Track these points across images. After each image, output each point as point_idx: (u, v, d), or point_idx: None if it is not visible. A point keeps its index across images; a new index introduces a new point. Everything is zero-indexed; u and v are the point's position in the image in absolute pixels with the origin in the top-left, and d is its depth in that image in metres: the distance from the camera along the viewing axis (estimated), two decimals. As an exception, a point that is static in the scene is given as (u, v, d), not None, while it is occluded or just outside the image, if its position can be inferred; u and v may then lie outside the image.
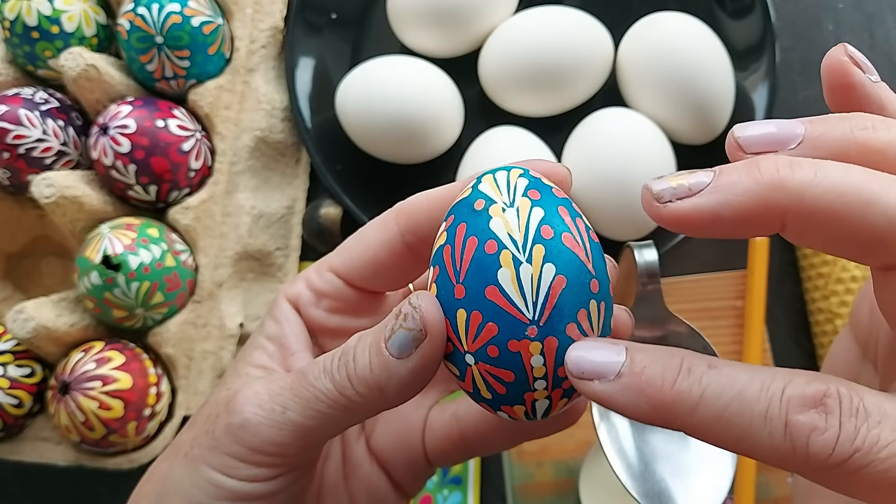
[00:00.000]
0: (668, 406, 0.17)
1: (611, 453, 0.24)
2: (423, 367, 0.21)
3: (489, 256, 0.19)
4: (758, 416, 0.16)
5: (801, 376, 0.17)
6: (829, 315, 0.46)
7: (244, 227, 0.48)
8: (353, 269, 0.26)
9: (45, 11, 0.45)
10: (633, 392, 0.18)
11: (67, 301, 0.45)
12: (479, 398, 0.21)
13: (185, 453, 0.24)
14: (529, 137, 0.46)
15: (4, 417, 0.44)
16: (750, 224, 0.18)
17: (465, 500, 0.47)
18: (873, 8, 0.52)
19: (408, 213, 0.25)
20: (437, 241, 0.21)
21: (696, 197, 0.18)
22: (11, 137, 0.44)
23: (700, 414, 0.17)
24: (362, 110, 0.45)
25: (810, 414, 0.16)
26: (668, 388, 0.17)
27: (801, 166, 0.17)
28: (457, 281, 0.20)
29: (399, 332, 0.20)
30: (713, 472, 0.24)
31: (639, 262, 0.24)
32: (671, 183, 0.18)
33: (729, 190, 0.18)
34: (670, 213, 0.18)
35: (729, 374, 0.17)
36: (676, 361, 0.18)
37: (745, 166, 0.18)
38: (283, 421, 0.22)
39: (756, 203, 0.17)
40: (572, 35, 0.45)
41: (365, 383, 0.21)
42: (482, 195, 0.20)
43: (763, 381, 0.17)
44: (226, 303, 0.48)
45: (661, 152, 0.44)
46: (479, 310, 0.20)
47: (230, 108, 0.48)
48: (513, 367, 0.20)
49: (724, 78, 0.45)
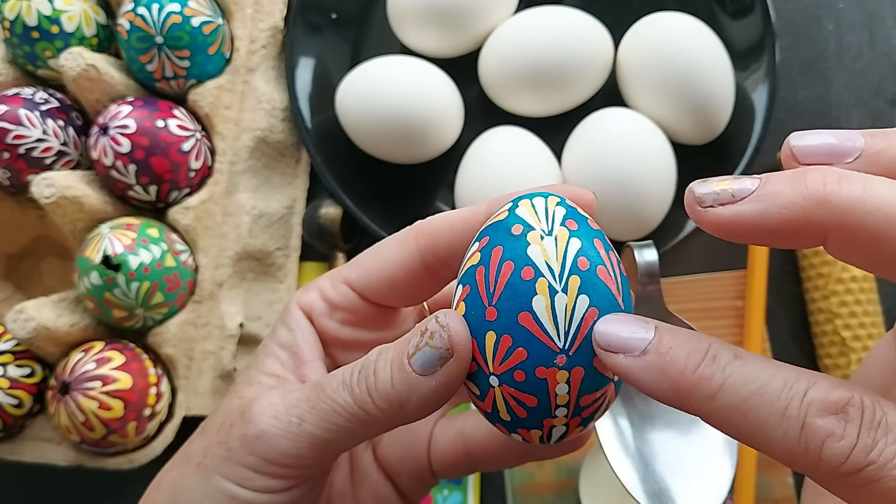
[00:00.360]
0: (688, 390, 0.17)
1: (611, 453, 0.24)
2: (446, 386, 0.21)
3: (525, 283, 0.20)
4: (776, 413, 0.16)
5: (827, 381, 0.17)
6: (829, 315, 0.46)
7: (244, 227, 0.48)
8: (368, 283, 0.26)
9: (45, 11, 0.45)
10: (656, 371, 0.18)
11: (67, 301, 0.45)
12: (495, 419, 0.21)
13: (198, 463, 0.23)
14: (529, 137, 0.46)
15: (4, 418, 0.44)
16: (791, 237, 0.18)
17: (465, 500, 0.47)
18: (874, 7, 0.52)
19: (428, 234, 0.24)
20: (467, 260, 0.21)
21: (738, 204, 0.18)
22: (11, 137, 0.44)
23: (718, 402, 0.17)
24: (362, 110, 0.45)
25: (829, 419, 0.16)
26: (690, 373, 0.17)
27: (849, 181, 0.17)
28: (489, 303, 0.20)
29: (424, 350, 0.20)
30: (713, 472, 0.24)
31: (639, 262, 0.24)
32: (715, 188, 0.18)
33: (772, 200, 0.17)
34: (711, 219, 0.18)
35: (753, 366, 0.17)
36: (703, 347, 0.18)
37: (791, 177, 0.18)
38: (300, 433, 0.22)
39: (798, 217, 0.17)
40: (572, 35, 0.45)
41: (385, 398, 0.21)
42: (520, 220, 0.20)
43: (787, 379, 0.17)
44: (226, 303, 0.48)
45: (660, 152, 0.44)
46: (510, 334, 0.20)
47: (230, 108, 0.48)
48: (537, 392, 0.20)
49: (724, 78, 0.45)
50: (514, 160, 0.45)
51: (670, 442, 0.24)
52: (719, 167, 0.46)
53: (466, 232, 0.24)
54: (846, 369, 0.46)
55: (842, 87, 0.51)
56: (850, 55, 0.52)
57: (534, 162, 0.45)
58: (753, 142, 0.46)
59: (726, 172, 0.46)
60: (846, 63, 0.52)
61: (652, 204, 0.44)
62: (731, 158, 0.46)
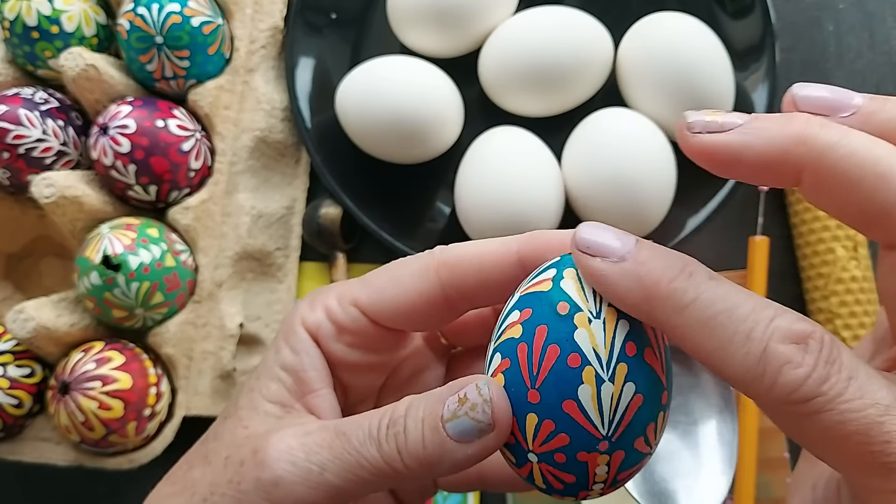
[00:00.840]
0: (660, 299, 0.18)
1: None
2: (481, 456, 0.20)
3: (571, 370, 0.19)
4: (740, 333, 0.17)
5: (793, 314, 0.17)
6: (829, 315, 0.46)
7: (244, 227, 0.48)
8: (382, 310, 0.24)
9: (44, 11, 0.45)
10: (631, 277, 0.18)
11: (67, 301, 0.45)
12: (531, 483, 0.21)
13: (204, 498, 0.22)
14: (529, 137, 0.46)
15: (4, 418, 0.44)
16: (768, 171, 0.19)
17: (465, 499, 0.47)
18: (874, 7, 0.52)
19: (452, 268, 0.23)
20: (506, 329, 0.20)
21: (724, 134, 0.19)
22: (11, 137, 0.44)
23: (687, 315, 0.18)
24: (362, 110, 0.45)
25: (790, 347, 0.17)
26: (665, 283, 0.18)
27: (830, 128, 0.18)
28: (532, 386, 0.19)
29: (463, 420, 0.20)
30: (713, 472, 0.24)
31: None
32: (706, 117, 0.19)
33: (756, 134, 0.18)
34: (696, 144, 0.19)
35: (727, 288, 0.18)
36: (680, 263, 0.18)
37: (779, 117, 0.19)
38: (320, 482, 0.21)
39: (778, 151, 0.18)
40: (572, 35, 0.45)
41: (416, 458, 0.21)
42: (566, 297, 0.20)
43: (756, 305, 0.17)
44: (226, 303, 0.48)
45: (660, 152, 0.44)
46: (552, 419, 0.19)
47: (230, 108, 0.48)
48: (577, 473, 0.20)
49: (724, 78, 0.45)
50: (515, 160, 0.45)
51: (670, 443, 0.24)
52: (719, 167, 0.46)
53: (495, 270, 0.23)
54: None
55: (841, 87, 0.51)
56: (849, 56, 0.52)
57: (534, 162, 0.45)
58: (753, 142, 0.46)
59: (726, 172, 0.46)
60: (846, 64, 0.52)
61: (652, 204, 0.44)
62: (731, 158, 0.46)
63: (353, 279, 0.25)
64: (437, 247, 0.24)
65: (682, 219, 0.46)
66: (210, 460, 0.23)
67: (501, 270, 0.23)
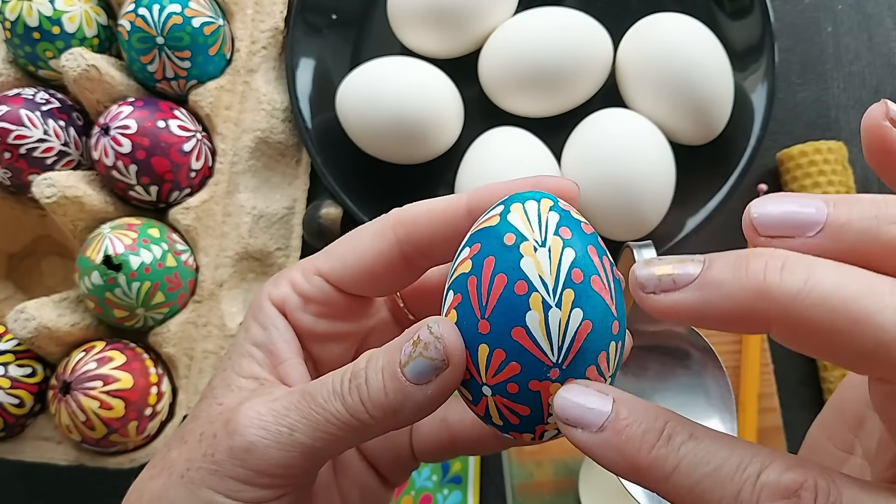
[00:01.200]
0: (643, 470, 0.18)
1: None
2: (441, 395, 0.21)
3: (518, 297, 0.19)
4: (729, 496, 0.17)
5: (781, 462, 0.17)
6: (828, 315, 0.46)
7: (245, 227, 0.48)
8: (345, 275, 0.25)
9: (46, 12, 0.45)
10: (612, 449, 0.18)
11: (68, 301, 0.45)
12: (489, 422, 0.21)
13: (181, 475, 0.23)
14: (529, 138, 0.46)
15: (5, 417, 0.44)
16: (735, 325, 0.17)
17: (464, 499, 0.47)
18: (872, 9, 0.52)
19: (407, 225, 0.24)
20: (458, 266, 0.21)
21: (679, 292, 0.18)
22: (13, 138, 0.44)
23: (673, 483, 0.17)
24: (362, 111, 0.45)
25: (782, 503, 0.16)
26: (645, 453, 0.17)
27: (792, 271, 0.17)
28: (482, 316, 0.20)
29: (418, 360, 0.20)
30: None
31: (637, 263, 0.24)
32: (657, 272, 0.18)
33: (712, 291, 0.17)
34: (654, 305, 0.18)
35: (708, 447, 0.17)
36: (659, 425, 0.18)
37: (733, 264, 0.17)
38: (291, 443, 0.22)
39: (739, 308, 0.17)
40: (572, 36, 0.45)
41: (379, 407, 0.21)
42: (512, 229, 0.20)
43: (741, 461, 0.17)
44: (226, 303, 0.48)
45: (660, 153, 0.44)
46: (503, 348, 0.20)
47: (231, 108, 0.48)
48: (530, 403, 0.20)
49: (723, 79, 0.45)
50: (514, 160, 0.45)
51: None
52: (718, 167, 0.47)
53: (447, 224, 0.24)
54: (844, 368, 0.46)
55: (840, 88, 0.52)
56: (848, 57, 0.52)
57: (533, 162, 0.45)
58: (752, 142, 0.46)
59: (725, 173, 0.46)
60: (844, 65, 0.52)
61: (651, 204, 0.44)
62: (730, 159, 0.46)
63: (316, 253, 0.26)
64: (393, 209, 0.25)
65: (681, 219, 0.46)
66: (186, 439, 0.24)
67: (452, 223, 0.23)
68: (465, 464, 0.47)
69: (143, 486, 0.24)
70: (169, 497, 0.23)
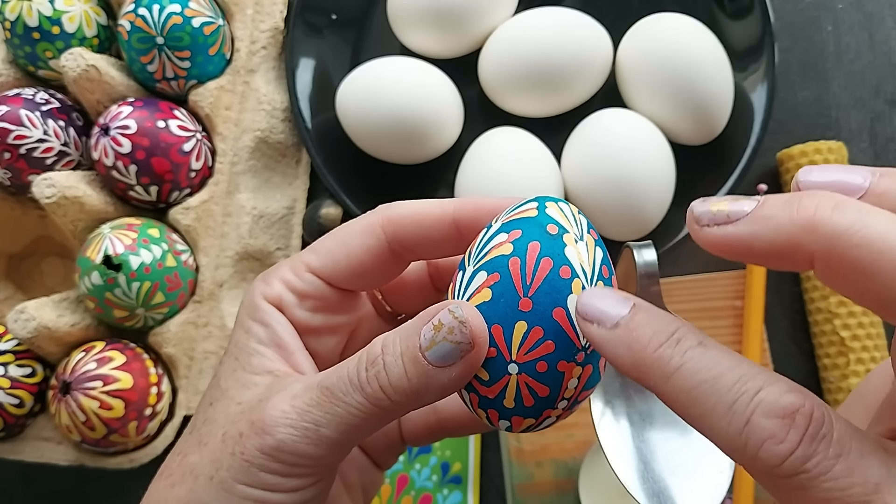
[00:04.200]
0: (647, 366, 0.18)
1: (610, 453, 0.24)
2: (465, 375, 0.21)
3: (563, 281, 0.21)
4: (723, 404, 0.17)
5: (783, 384, 0.17)
6: (828, 315, 0.46)
7: (245, 227, 0.48)
8: (336, 271, 0.26)
9: (45, 12, 0.45)
10: (622, 344, 0.19)
11: (68, 301, 0.45)
12: (491, 405, 0.22)
13: (210, 476, 0.23)
14: (529, 138, 0.46)
15: (5, 417, 0.44)
16: (780, 259, 0.18)
17: (464, 499, 0.47)
18: (873, 8, 0.52)
19: (396, 224, 0.25)
20: (493, 249, 0.22)
21: (732, 225, 0.18)
22: (12, 138, 0.44)
23: (672, 382, 0.18)
24: (362, 111, 0.45)
25: (774, 421, 0.16)
26: (651, 350, 0.18)
27: (843, 210, 0.17)
28: (524, 294, 0.21)
29: (443, 345, 0.21)
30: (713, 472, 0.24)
31: (638, 263, 0.24)
32: (712, 208, 0.19)
33: (763, 223, 0.18)
34: (706, 238, 0.19)
35: (713, 356, 0.18)
36: (670, 329, 0.18)
37: (786, 201, 0.18)
38: (319, 438, 0.22)
39: (787, 241, 0.18)
40: (572, 36, 0.45)
41: (402, 392, 0.21)
42: (554, 221, 0.22)
43: (743, 374, 0.17)
44: (226, 303, 0.48)
45: (660, 153, 0.44)
46: (542, 326, 0.21)
47: (231, 108, 0.48)
48: (552, 384, 0.21)
49: (723, 79, 0.45)
50: (514, 161, 0.45)
51: (670, 441, 0.24)
52: (718, 167, 0.47)
53: (432, 229, 0.25)
54: (845, 369, 0.46)
55: (840, 87, 0.52)
56: (848, 56, 0.52)
57: (533, 162, 0.45)
58: (752, 142, 0.46)
59: (725, 173, 0.46)
60: (845, 64, 0.52)
61: (651, 204, 0.44)
62: (730, 159, 0.46)
63: (302, 251, 0.27)
64: (380, 205, 0.26)
65: (681, 219, 0.46)
66: (206, 442, 0.24)
67: (438, 228, 0.25)
68: (465, 464, 0.47)
69: (164, 497, 0.24)
70: (199, 500, 0.23)
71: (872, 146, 0.51)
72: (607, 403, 0.25)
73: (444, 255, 0.26)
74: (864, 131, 0.51)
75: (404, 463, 0.47)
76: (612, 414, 0.25)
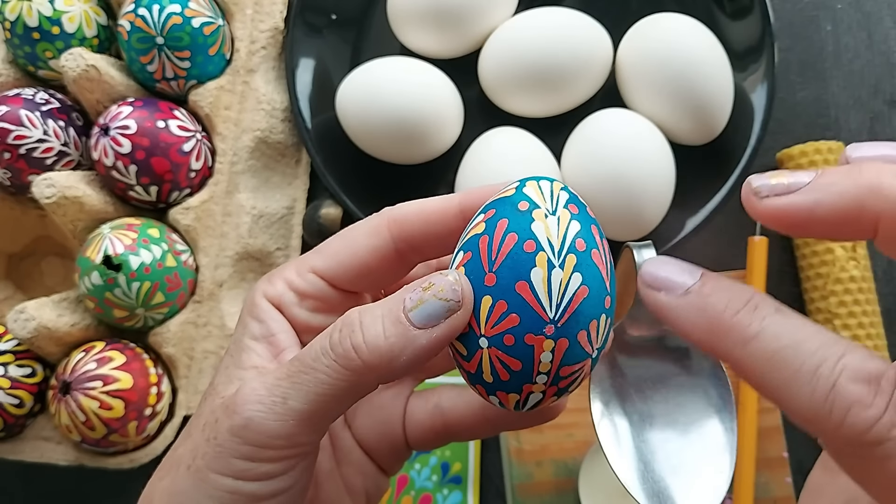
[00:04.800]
0: (724, 331, 0.18)
1: (610, 453, 0.24)
2: (444, 338, 0.21)
3: (526, 254, 0.21)
4: (807, 368, 0.17)
5: (865, 350, 0.17)
6: (828, 315, 0.46)
7: (244, 227, 0.48)
8: (339, 272, 0.26)
9: (45, 12, 0.45)
10: (695, 309, 0.19)
11: (68, 301, 0.45)
12: (477, 380, 0.22)
13: (188, 466, 0.23)
14: (529, 138, 0.46)
15: (5, 417, 0.44)
16: (843, 225, 0.18)
17: (464, 499, 0.47)
18: (871, 8, 0.52)
19: (401, 223, 0.25)
20: (471, 230, 0.22)
21: (793, 195, 0.18)
22: (12, 138, 0.44)
23: (752, 348, 0.17)
24: (362, 111, 0.45)
25: (861, 386, 0.16)
26: (729, 315, 0.18)
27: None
28: (489, 269, 0.21)
29: (431, 302, 0.21)
30: (712, 472, 0.24)
31: (638, 263, 0.24)
32: (771, 180, 0.19)
33: (826, 189, 0.18)
34: (766, 208, 0.19)
35: (794, 322, 0.17)
36: (745, 296, 0.18)
37: (847, 169, 0.18)
38: (286, 411, 0.22)
39: (851, 204, 0.18)
40: (572, 36, 0.45)
41: (376, 351, 0.21)
42: (527, 198, 0.22)
43: (825, 340, 0.17)
44: (226, 303, 0.48)
45: (660, 153, 0.44)
46: (505, 300, 0.21)
47: (230, 108, 0.48)
48: (523, 357, 0.21)
49: (722, 78, 0.45)
50: (514, 161, 0.45)
51: (669, 441, 0.24)
52: (718, 167, 0.47)
53: (439, 224, 0.25)
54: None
55: (840, 87, 0.52)
56: (847, 56, 0.52)
57: (533, 162, 0.45)
58: (752, 142, 0.46)
59: (725, 173, 0.46)
60: (844, 63, 0.52)
61: (651, 204, 0.44)
62: (730, 158, 0.46)
63: (308, 252, 0.27)
64: (385, 208, 0.26)
65: (681, 219, 0.46)
66: (190, 433, 0.24)
67: (445, 223, 0.25)
68: (465, 464, 0.47)
69: (154, 489, 0.24)
70: (178, 491, 0.23)
71: (872, 146, 0.51)
72: (607, 403, 0.25)
73: (451, 250, 0.26)
74: (863, 131, 0.51)
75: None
76: (611, 414, 0.25)
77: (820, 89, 0.52)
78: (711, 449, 0.24)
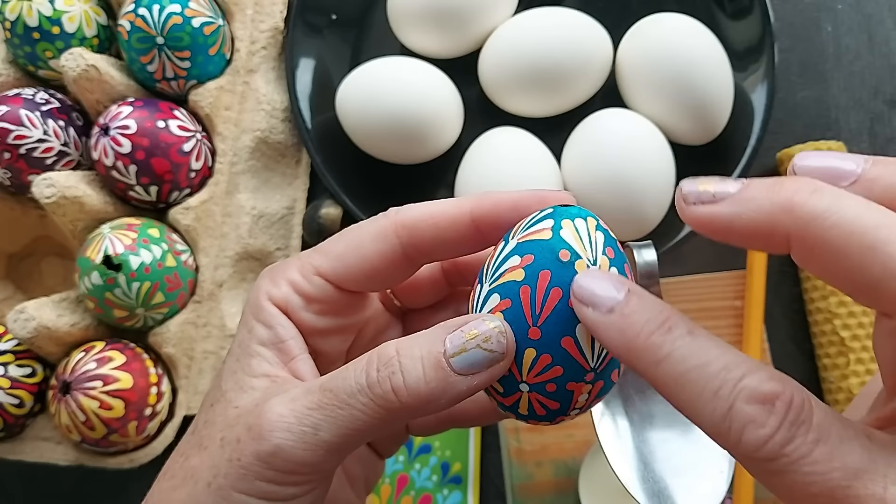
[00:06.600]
0: (639, 351, 0.19)
1: (610, 453, 0.24)
2: (483, 385, 0.21)
3: (571, 311, 0.21)
4: (708, 390, 0.18)
5: (765, 373, 0.18)
6: (828, 315, 0.46)
7: (244, 227, 0.48)
8: (345, 274, 0.25)
9: (45, 12, 0.45)
10: (615, 329, 0.19)
11: (68, 301, 0.45)
12: (511, 410, 0.23)
13: (208, 483, 0.23)
14: (529, 138, 0.46)
15: (5, 417, 0.44)
16: (759, 239, 0.19)
17: (464, 499, 0.47)
18: (872, 9, 0.52)
19: (410, 229, 0.25)
20: (505, 272, 0.22)
21: (716, 204, 0.20)
22: (12, 138, 0.44)
23: (662, 369, 0.18)
24: (362, 111, 0.45)
25: (755, 407, 0.17)
26: (643, 337, 0.19)
27: (821, 195, 0.18)
28: (533, 323, 0.21)
29: (474, 352, 0.21)
30: (712, 472, 0.24)
31: (638, 263, 0.24)
32: (699, 187, 0.20)
33: (745, 204, 0.19)
34: (691, 215, 0.20)
35: (702, 345, 0.18)
36: (662, 317, 0.19)
37: (770, 184, 0.19)
38: (317, 443, 0.22)
39: (764, 221, 0.18)
40: (572, 36, 0.45)
41: (416, 395, 0.21)
42: (567, 246, 0.21)
43: (728, 363, 0.18)
44: (226, 303, 0.48)
45: (660, 153, 0.44)
46: (550, 354, 0.21)
47: (230, 108, 0.48)
48: (562, 399, 0.22)
49: (722, 79, 0.45)
50: (514, 161, 0.45)
51: (669, 441, 0.24)
52: (718, 167, 0.47)
53: (450, 230, 0.24)
54: (845, 369, 0.46)
55: (840, 88, 0.52)
56: (848, 57, 0.52)
57: (533, 162, 0.45)
58: (752, 142, 0.46)
59: (725, 173, 0.46)
60: (844, 64, 0.52)
61: (651, 204, 0.44)
62: (730, 159, 0.46)
63: (309, 251, 0.26)
64: (392, 208, 0.25)
65: (681, 219, 0.46)
66: (205, 446, 0.24)
67: (456, 229, 0.24)
68: (465, 464, 0.47)
69: (166, 499, 0.24)
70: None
71: (872, 146, 0.51)
72: (607, 404, 0.25)
73: (462, 255, 0.26)
74: (863, 131, 0.51)
75: (404, 463, 0.48)
76: (612, 414, 0.25)
77: (820, 90, 0.52)
78: (711, 449, 0.24)
